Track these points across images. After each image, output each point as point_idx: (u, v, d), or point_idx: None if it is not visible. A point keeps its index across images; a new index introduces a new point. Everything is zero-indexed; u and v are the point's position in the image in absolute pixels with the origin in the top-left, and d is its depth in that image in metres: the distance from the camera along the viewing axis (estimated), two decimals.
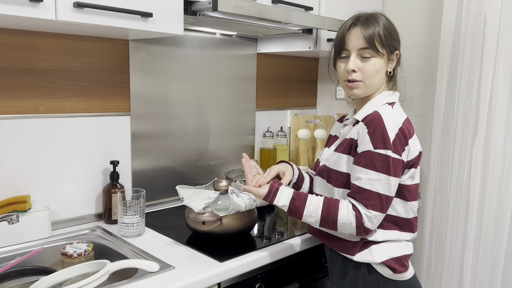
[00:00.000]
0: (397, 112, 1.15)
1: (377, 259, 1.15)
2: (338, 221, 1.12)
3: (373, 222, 1.11)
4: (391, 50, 1.19)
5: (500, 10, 1.64)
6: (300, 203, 1.16)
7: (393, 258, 1.16)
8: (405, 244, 1.20)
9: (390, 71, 1.21)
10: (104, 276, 1.07)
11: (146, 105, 1.64)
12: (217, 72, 1.87)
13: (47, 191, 1.43)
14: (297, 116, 2.19)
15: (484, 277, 1.75)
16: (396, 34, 1.21)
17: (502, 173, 1.70)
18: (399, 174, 1.12)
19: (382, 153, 1.09)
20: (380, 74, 1.18)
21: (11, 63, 1.32)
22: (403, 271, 1.16)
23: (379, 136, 1.09)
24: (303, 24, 1.55)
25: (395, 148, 1.09)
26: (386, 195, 1.10)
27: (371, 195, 1.10)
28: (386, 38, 1.17)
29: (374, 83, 1.19)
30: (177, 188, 1.38)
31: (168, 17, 1.29)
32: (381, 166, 1.09)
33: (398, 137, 1.10)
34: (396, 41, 1.20)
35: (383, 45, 1.16)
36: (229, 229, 1.32)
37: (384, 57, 1.18)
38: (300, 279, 1.44)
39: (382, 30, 1.17)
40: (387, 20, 1.20)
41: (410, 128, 1.15)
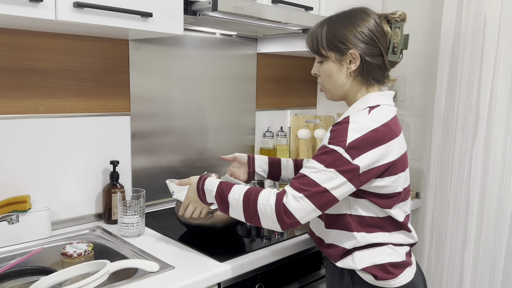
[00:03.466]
0: (371, 118, 1.06)
1: (358, 265, 1.12)
2: (258, 202, 1.05)
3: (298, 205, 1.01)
4: (340, 51, 1.12)
5: (500, 10, 1.64)
6: (227, 186, 1.12)
7: (375, 265, 1.11)
8: (393, 250, 1.13)
9: (352, 71, 1.12)
10: (104, 276, 1.07)
11: (146, 105, 1.64)
12: (217, 72, 1.87)
13: (47, 191, 1.43)
14: (297, 116, 2.19)
15: (484, 277, 1.75)
16: (344, 34, 1.10)
17: (502, 173, 1.70)
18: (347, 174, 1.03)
19: (332, 148, 1.03)
20: (335, 78, 1.14)
21: (11, 63, 1.32)
22: (387, 278, 1.11)
23: (337, 133, 1.05)
24: (303, 24, 1.55)
25: (350, 150, 1.02)
26: (322, 186, 1.02)
27: (307, 181, 1.03)
28: (329, 40, 1.12)
29: (332, 87, 1.16)
30: (167, 182, 1.36)
31: (168, 17, 1.29)
32: (327, 159, 1.03)
33: (359, 141, 1.03)
34: (344, 40, 1.10)
35: (327, 47, 1.13)
36: (220, 222, 1.33)
37: (332, 59, 1.13)
38: (300, 279, 1.44)
39: (325, 33, 1.13)
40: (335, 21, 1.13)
41: (380, 137, 1.05)
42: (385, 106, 1.12)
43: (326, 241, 1.20)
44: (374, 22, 1.11)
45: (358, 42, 1.10)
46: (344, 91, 1.16)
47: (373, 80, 1.14)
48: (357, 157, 1.02)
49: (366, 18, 1.11)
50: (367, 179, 1.05)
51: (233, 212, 1.11)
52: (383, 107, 1.11)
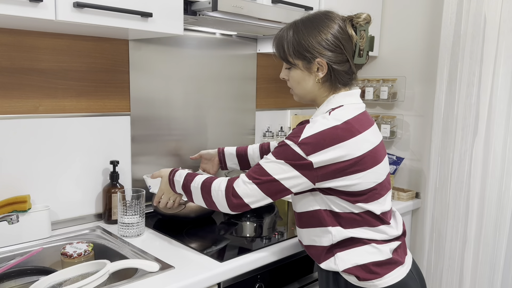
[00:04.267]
0: (331, 117, 1.08)
1: (340, 267, 1.12)
2: (212, 186, 1.15)
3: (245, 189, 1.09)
4: (307, 59, 1.12)
5: (500, 10, 1.64)
6: (192, 177, 1.22)
7: (358, 265, 1.10)
8: (375, 249, 1.12)
9: (319, 78, 1.13)
10: (104, 276, 1.07)
11: (146, 105, 1.64)
12: (217, 72, 1.87)
13: (47, 191, 1.43)
14: (297, 116, 2.19)
15: (484, 277, 1.75)
16: (309, 42, 1.10)
17: (502, 173, 1.70)
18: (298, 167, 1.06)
19: (285, 142, 1.08)
20: (303, 84, 1.16)
21: (11, 63, 1.32)
22: (371, 278, 1.10)
23: (295, 131, 1.09)
24: None
25: (302, 145, 1.05)
26: (272, 176, 1.07)
27: (259, 169, 1.10)
28: (295, 48, 1.12)
29: (301, 92, 1.19)
30: (144, 177, 1.53)
31: (168, 17, 1.29)
32: (280, 152, 1.08)
33: (311, 138, 1.05)
34: (310, 49, 1.10)
35: (294, 56, 1.13)
36: (192, 213, 1.47)
37: (300, 67, 1.14)
38: (300, 279, 1.44)
39: (291, 41, 1.13)
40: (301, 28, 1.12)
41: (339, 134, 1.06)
42: (348, 106, 1.13)
43: (304, 242, 1.21)
44: (338, 28, 1.11)
45: (324, 50, 1.10)
46: (312, 95, 1.18)
47: (340, 84, 1.16)
48: (312, 154, 1.05)
49: (331, 24, 1.11)
50: (325, 175, 1.07)
51: (196, 200, 1.21)
52: (346, 107, 1.12)
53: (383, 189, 1.15)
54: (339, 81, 1.15)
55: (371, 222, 1.13)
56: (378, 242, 1.13)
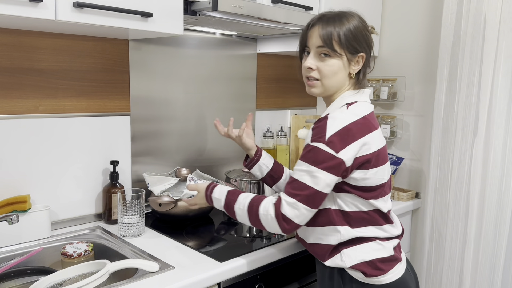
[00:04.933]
0: (350, 112, 1.11)
1: (346, 263, 1.13)
2: (259, 213, 1.12)
3: (294, 212, 1.07)
4: (352, 52, 1.13)
5: (500, 10, 1.64)
6: (234, 196, 1.18)
7: (364, 261, 1.12)
8: (380, 246, 1.15)
9: (353, 73, 1.16)
10: (104, 276, 1.07)
11: (146, 105, 1.64)
12: (217, 72, 1.87)
13: (47, 191, 1.43)
14: (297, 116, 2.19)
15: (484, 277, 1.75)
16: (363, 36, 1.14)
17: (502, 173, 1.70)
18: (332, 169, 1.06)
19: (314, 145, 1.07)
20: (339, 76, 1.15)
21: (11, 63, 1.32)
22: (377, 274, 1.12)
23: (318, 131, 1.09)
24: (303, 24, 1.54)
25: (329, 143, 1.05)
26: (312, 187, 1.07)
27: (297, 185, 1.08)
28: (348, 39, 1.12)
29: (332, 84, 1.16)
30: (144, 175, 1.55)
31: (168, 17, 1.29)
32: (311, 158, 1.07)
33: (338, 135, 1.06)
34: (361, 43, 1.14)
35: (341, 45, 1.12)
36: (185, 211, 1.47)
37: (343, 58, 1.13)
38: (300, 279, 1.44)
39: (345, 30, 1.11)
40: (356, 21, 1.14)
41: (360, 128, 1.09)
42: (362, 102, 1.16)
43: (308, 240, 1.21)
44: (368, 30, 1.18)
45: (366, 47, 1.15)
46: (336, 89, 1.18)
47: (361, 83, 1.19)
48: (340, 150, 1.06)
49: (366, 26, 1.17)
50: (351, 170, 1.09)
51: (240, 220, 1.18)
52: (360, 103, 1.15)
53: (387, 187, 1.19)
54: (362, 79, 1.19)
55: (378, 221, 1.16)
56: (382, 239, 1.16)
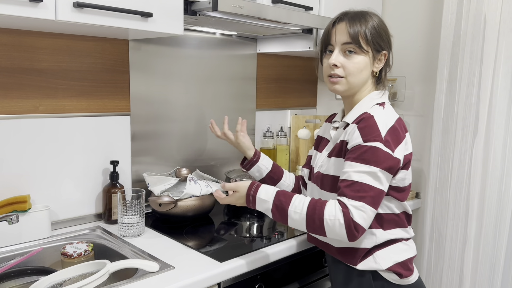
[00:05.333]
0: (388, 111, 1.13)
1: (382, 266, 1.13)
2: (325, 218, 1.03)
3: (363, 216, 1.02)
4: (378, 49, 1.15)
5: (500, 10, 1.64)
6: (286, 198, 1.09)
7: (398, 263, 1.14)
8: (407, 246, 1.18)
9: (377, 71, 1.17)
10: (104, 276, 1.07)
11: (146, 105, 1.64)
12: (217, 72, 1.87)
13: (47, 191, 1.43)
14: (297, 116, 2.19)
15: (484, 277, 1.75)
16: (386, 34, 1.17)
17: (502, 173, 1.70)
18: (391, 169, 1.06)
19: (372, 145, 1.04)
20: (364, 73, 1.15)
21: (11, 63, 1.32)
22: (408, 275, 1.15)
23: (369, 130, 1.06)
24: (303, 24, 1.55)
25: (386, 142, 1.05)
26: (376, 187, 1.04)
27: (360, 187, 1.03)
28: (373, 36, 1.13)
29: (357, 81, 1.15)
30: (144, 175, 1.57)
31: (168, 17, 1.29)
32: (370, 158, 1.04)
33: (389, 134, 1.06)
34: (384, 41, 1.16)
35: (368, 42, 1.13)
36: (185, 211, 1.48)
37: (369, 55, 1.14)
38: (300, 279, 1.44)
39: (370, 27, 1.13)
40: (378, 19, 1.16)
41: (402, 128, 1.13)
42: (388, 103, 1.19)
43: (337, 245, 1.18)
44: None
45: (388, 45, 1.18)
46: (359, 87, 1.17)
47: (381, 83, 1.21)
48: (395, 149, 1.07)
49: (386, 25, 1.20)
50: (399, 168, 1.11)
51: (292, 224, 1.09)
52: (388, 104, 1.18)
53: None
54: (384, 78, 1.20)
55: (404, 223, 1.19)
56: (406, 239, 1.19)
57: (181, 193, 1.49)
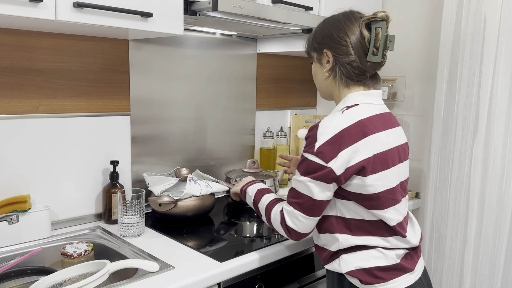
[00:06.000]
0: (343, 117, 1.08)
1: (343, 269, 1.12)
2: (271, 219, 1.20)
3: (293, 221, 1.12)
4: (317, 51, 1.18)
5: (500, 10, 1.64)
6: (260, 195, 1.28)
7: (360, 269, 1.10)
8: (380, 253, 1.11)
9: (327, 70, 1.16)
10: (104, 276, 1.07)
11: (146, 105, 1.64)
12: (217, 72, 1.87)
13: (47, 191, 1.43)
14: (297, 116, 2.19)
15: (484, 277, 1.75)
16: (327, 34, 1.15)
17: (502, 173, 1.70)
18: (323, 178, 1.06)
19: (304, 156, 1.09)
20: (317, 77, 1.22)
21: (11, 63, 1.32)
22: (373, 282, 1.09)
23: (309, 141, 1.09)
24: (303, 24, 1.55)
25: (319, 154, 1.05)
26: (306, 195, 1.09)
27: (295, 193, 1.12)
28: (311, 41, 1.20)
29: (317, 86, 1.24)
30: (144, 175, 1.58)
31: (168, 17, 1.29)
32: (302, 168, 1.10)
33: (326, 145, 1.05)
34: (323, 42, 1.15)
35: (310, 48, 1.21)
36: (185, 211, 1.48)
37: (314, 59, 1.21)
38: (300, 279, 1.44)
39: (314, 34, 1.20)
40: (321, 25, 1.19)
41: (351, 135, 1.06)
42: (364, 105, 1.12)
43: (316, 242, 1.23)
44: (350, 24, 1.13)
45: (332, 44, 1.14)
46: (327, 90, 1.21)
47: (350, 80, 1.14)
48: (330, 160, 1.05)
49: (345, 21, 1.13)
50: (346, 177, 1.06)
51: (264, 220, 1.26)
52: (361, 106, 1.12)
53: (398, 194, 1.13)
54: (347, 76, 1.14)
55: (382, 232, 1.12)
56: (385, 248, 1.12)
57: (181, 193, 1.49)
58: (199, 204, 1.51)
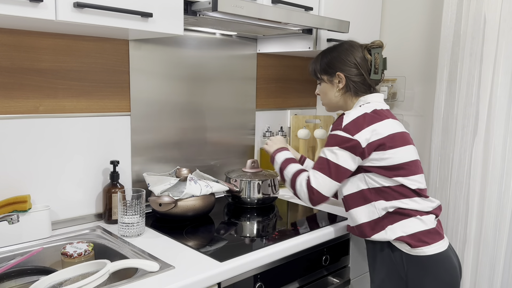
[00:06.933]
0: (361, 108, 1.37)
1: (391, 236, 1.31)
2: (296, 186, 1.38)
3: (319, 182, 1.33)
4: (330, 74, 1.44)
5: (500, 10, 1.64)
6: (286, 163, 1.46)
7: (407, 235, 1.30)
8: (419, 220, 1.31)
9: (340, 88, 1.43)
10: (104, 276, 1.07)
11: (146, 105, 1.65)
12: (217, 72, 1.87)
13: (47, 191, 1.43)
14: (297, 116, 2.19)
15: (484, 277, 1.75)
16: (337, 60, 1.42)
17: (502, 173, 1.70)
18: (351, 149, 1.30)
19: (333, 133, 1.34)
20: (329, 94, 1.47)
21: (11, 63, 1.32)
22: (420, 246, 1.28)
23: (335, 124, 1.36)
24: (303, 24, 1.55)
25: (346, 130, 1.31)
26: (333, 161, 1.32)
27: (320, 160, 1.35)
28: (322, 67, 1.46)
29: (326, 102, 1.50)
30: (144, 175, 1.60)
31: (168, 17, 1.29)
32: (331, 141, 1.34)
33: (351, 123, 1.31)
34: (334, 66, 1.42)
35: (321, 72, 1.47)
36: (185, 211, 1.49)
37: (325, 81, 1.46)
38: (300, 279, 1.44)
39: (321, 60, 1.46)
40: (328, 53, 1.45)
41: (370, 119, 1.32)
42: (374, 102, 1.40)
43: (352, 223, 1.41)
44: (357, 52, 1.41)
45: (343, 67, 1.42)
46: (338, 104, 1.48)
47: (359, 91, 1.43)
48: (355, 134, 1.30)
49: (351, 49, 1.42)
50: (369, 150, 1.30)
51: (287, 186, 1.45)
52: (372, 103, 1.39)
53: (417, 168, 1.36)
54: (358, 91, 1.42)
55: (408, 194, 1.33)
56: (421, 214, 1.32)
57: (181, 193, 1.49)
58: (199, 204, 1.51)
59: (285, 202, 1.85)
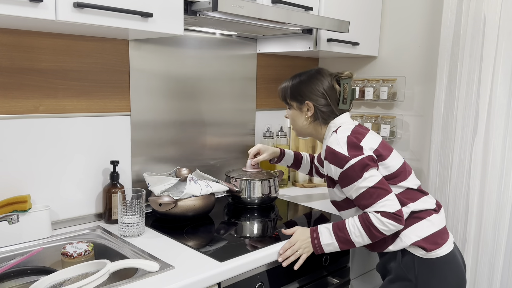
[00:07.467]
0: (340, 133, 1.34)
1: (407, 242, 1.30)
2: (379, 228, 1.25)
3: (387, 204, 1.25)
4: (299, 101, 1.43)
5: (500, 10, 1.64)
6: (342, 231, 1.30)
7: (421, 238, 1.29)
8: (429, 223, 1.32)
9: (308, 117, 1.42)
10: (104, 276, 1.07)
11: (146, 105, 1.65)
12: (217, 72, 1.87)
13: (47, 191, 1.43)
14: None
15: (483, 277, 1.75)
16: (305, 87, 1.41)
17: (502, 173, 1.70)
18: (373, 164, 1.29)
19: (346, 167, 1.28)
20: (298, 121, 1.46)
21: (11, 63, 1.32)
22: (434, 248, 1.29)
23: (337, 160, 1.30)
24: (303, 24, 1.55)
25: (351, 153, 1.28)
26: (374, 184, 1.27)
27: (367, 194, 1.27)
28: (292, 93, 1.44)
29: (296, 128, 1.49)
30: (144, 175, 1.60)
31: (168, 17, 1.29)
32: (353, 174, 1.27)
33: (348, 146, 1.30)
34: (302, 94, 1.41)
35: (291, 98, 1.45)
36: (185, 211, 1.49)
37: (294, 107, 1.46)
38: (300, 279, 1.44)
39: (289, 88, 1.45)
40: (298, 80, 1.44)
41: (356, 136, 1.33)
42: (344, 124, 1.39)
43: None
44: (326, 82, 1.41)
45: (312, 96, 1.41)
46: (308, 131, 1.47)
47: (327, 119, 1.42)
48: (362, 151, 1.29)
49: (320, 78, 1.41)
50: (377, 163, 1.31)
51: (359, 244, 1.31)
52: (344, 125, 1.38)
53: (408, 167, 1.40)
54: (326, 119, 1.42)
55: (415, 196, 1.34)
56: (429, 214, 1.33)
57: (181, 193, 1.49)
58: (199, 204, 1.51)
59: (285, 202, 1.85)
